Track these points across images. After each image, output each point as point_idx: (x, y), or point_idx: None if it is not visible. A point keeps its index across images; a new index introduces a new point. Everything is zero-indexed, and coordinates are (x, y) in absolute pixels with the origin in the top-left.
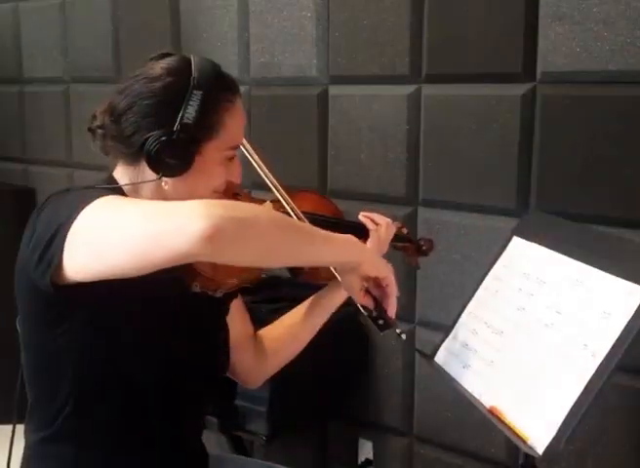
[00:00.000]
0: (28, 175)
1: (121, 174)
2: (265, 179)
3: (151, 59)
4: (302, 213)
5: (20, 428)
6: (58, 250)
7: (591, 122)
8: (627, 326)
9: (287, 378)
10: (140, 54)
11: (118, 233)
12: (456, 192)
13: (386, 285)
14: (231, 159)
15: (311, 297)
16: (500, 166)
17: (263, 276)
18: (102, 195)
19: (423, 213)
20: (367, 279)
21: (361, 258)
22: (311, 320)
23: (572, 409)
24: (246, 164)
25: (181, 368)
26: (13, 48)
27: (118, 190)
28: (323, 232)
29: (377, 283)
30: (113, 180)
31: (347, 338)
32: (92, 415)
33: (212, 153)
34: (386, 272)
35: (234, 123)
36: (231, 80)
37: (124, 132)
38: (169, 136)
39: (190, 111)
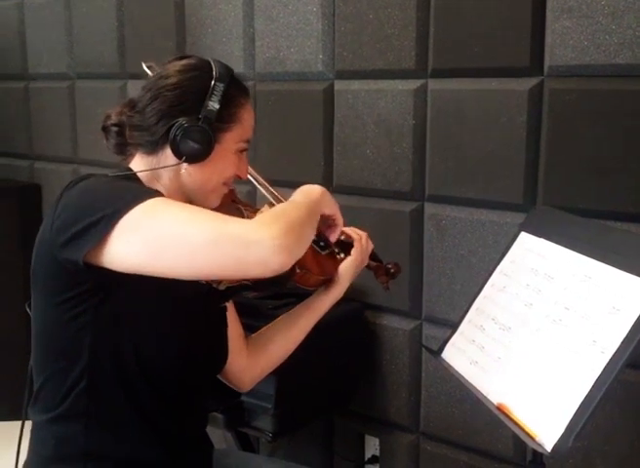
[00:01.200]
0: (34, 172)
1: (138, 164)
2: (258, 186)
3: (170, 61)
4: None
5: (28, 424)
6: (100, 235)
7: (599, 116)
8: (637, 321)
9: (293, 375)
10: (145, 49)
11: (188, 248)
12: (462, 187)
13: (333, 219)
14: (242, 152)
15: (302, 303)
16: (508, 161)
17: None
18: (151, 193)
19: (430, 208)
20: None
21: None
22: (302, 323)
23: (581, 406)
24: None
25: (193, 355)
26: (18, 44)
27: (135, 178)
28: (302, 201)
29: (324, 219)
30: (129, 169)
31: (353, 335)
32: (102, 397)
33: (229, 143)
34: (335, 209)
35: (248, 118)
36: (243, 83)
37: (149, 120)
38: (195, 122)
39: (214, 101)
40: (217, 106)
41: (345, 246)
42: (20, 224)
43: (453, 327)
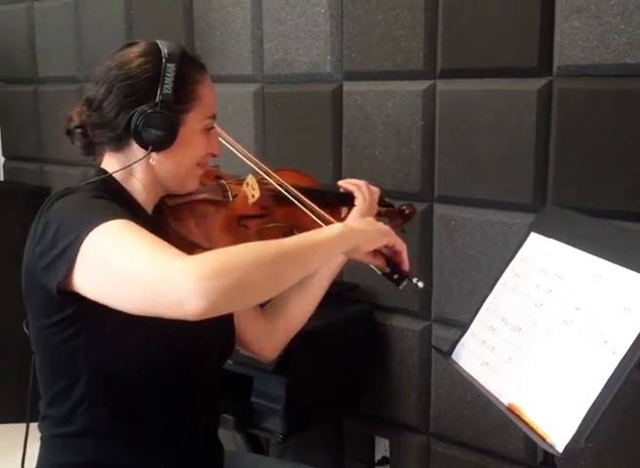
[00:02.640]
0: (43, 175)
1: (109, 162)
2: (244, 159)
3: (117, 51)
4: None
5: (33, 426)
6: (66, 264)
7: (609, 116)
8: None
9: (303, 376)
10: None
11: (125, 286)
12: (471, 188)
13: (392, 245)
14: (209, 130)
15: None
16: (517, 161)
17: None
18: (105, 215)
19: (439, 209)
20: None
21: (355, 243)
22: (317, 281)
23: (592, 407)
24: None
25: (197, 353)
26: (27, 48)
27: (111, 179)
28: (309, 241)
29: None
30: (103, 172)
31: (363, 336)
32: (108, 412)
33: (192, 123)
34: (385, 240)
35: (208, 94)
36: (197, 58)
37: (107, 115)
38: (153, 108)
39: (168, 82)
40: (171, 88)
41: (347, 198)
42: (28, 227)
43: (463, 327)
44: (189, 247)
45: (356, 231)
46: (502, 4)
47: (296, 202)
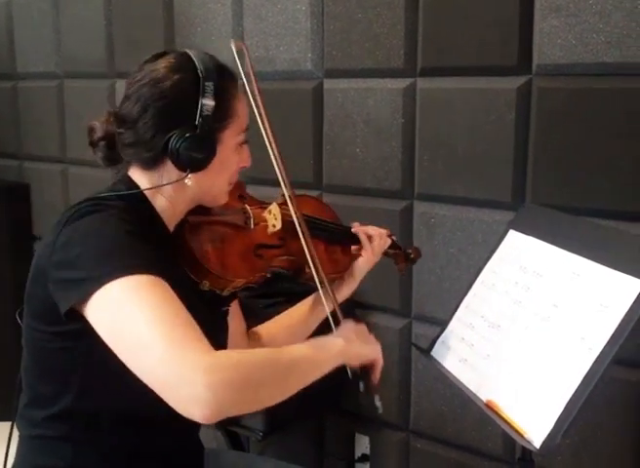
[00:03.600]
0: (23, 171)
1: (138, 176)
2: (279, 176)
3: (146, 62)
4: (304, 216)
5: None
6: (79, 296)
7: (587, 114)
8: (624, 319)
9: None
10: (133, 48)
11: (138, 352)
12: (451, 186)
13: (373, 362)
14: (242, 144)
15: (312, 296)
16: (497, 159)
17: (268, 275)
18: (138, 266)
19: (419, 206)
20: None
21: (345, 359)
22: (310, 318)
23: (569, 403)
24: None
25: None
26: (6, 43)
27: (139, 195)
28: (315, 358)
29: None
30: (132, 182)
31: None
32: (90, 422)
33: (229, 140)
34: (371, 358)
35: (242, 107)
36: (229, 68)
37: (144, 136)
38: (193, 131)
39: (207, 103)
40: (211, 108)
41: (357, 242)
42: (8, 224)
43: (442, 325)
44: (203, 272)
45: (352, 350)
46: (482, 3)
47: (303, 244)
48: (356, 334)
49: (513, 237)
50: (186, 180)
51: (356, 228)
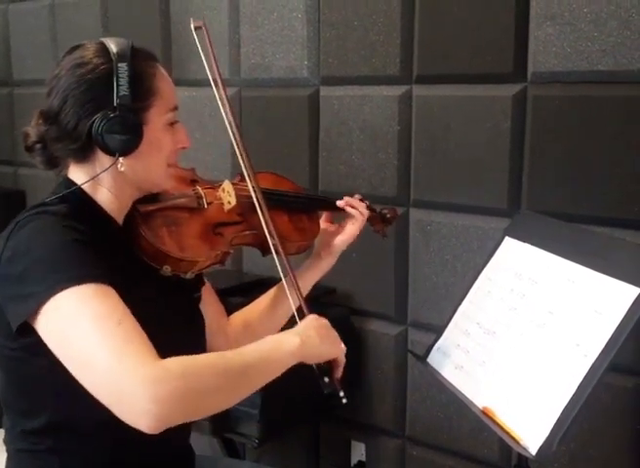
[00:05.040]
0: (18, 178)
1: (76, 173)
2: (237, 152)
3: (63, 56)
4: (263, 189)
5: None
6: (28, 311)
7: (582, 122)
8: (620, 325)
9: (279, 381)
10: None
11: (86, 363)
12: (447, 193)
13: (335, 359)
14: (173, 124)
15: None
16: (492, 166)
17: (231, 251)
18: (83, 275)
19: (415, 213)
20: None
21: (301, 359)
22: (287, 301)
23: (565, 410)
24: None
25: None
26: (2, 50)
27: (79, 191)
28: (260, 357)
29: None
30: (70, 182)
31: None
32: (74, 433)
33: (155, 120)
34: (331, 356)
35: (165, 86)
36: (147, 50)
37: (66, 127)
38: (112, 112)
39: (123, 83)
40: (127, 89)
41: (331, 207)
42: (3, 230)
43: (438, 331)
44: (162, 257)
45: (309, 350)
46: (478, 11)
47: (261, 217)
48: (316, 332)
49: (509, 244)
50: (119, 166)
51: (343, 202)
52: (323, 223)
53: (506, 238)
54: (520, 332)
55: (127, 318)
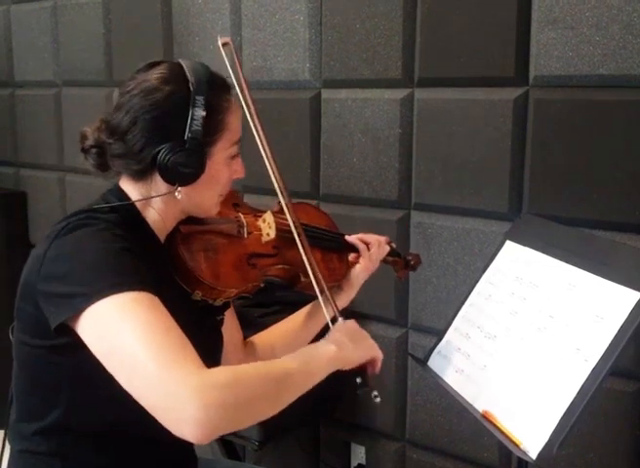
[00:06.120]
0: (19, 179)
1: (128, 186)
2: (275, 184)
3: (139, 71)
4: (302, 224)
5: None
6: (69, 312)
7: (584, 126)
8: (620, 330)
9: None
10: (132, 57)
11: (130, 369)
12: (448, 196)
13: (372, 360)
14: (234, 157)
15: (309, 305)
16: (493, 170)
17: (262, 285)
18: (131, 283)
19: (416, 216)
20: None
21: (339, 366)
22: (308, 328)
23: (565, 414)
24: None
25: None
26: (4, 51)
27: (131, 206)
28: (308, 368)
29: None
30: (122, 193)
31: None
32: (79, 437)
33: (219, 154)
34: (366, 358)
35: (235, 119)
36: (223, 78)
37: (132, 148)
38: (181, 146)
39: (197, 118)
40: (201, 123)
41: (355, 250)
42: (5, 232)
43: (439, 335)
44: (195, 281)
45: (345, 355)
46: (480, 14)
47: (302, 252)
48: (349, 337)
49: (510, 247)
50: (176, 194)
51: (353, 237)
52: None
53: (507, 242)
54: (521, 337)
55: (174, 326)
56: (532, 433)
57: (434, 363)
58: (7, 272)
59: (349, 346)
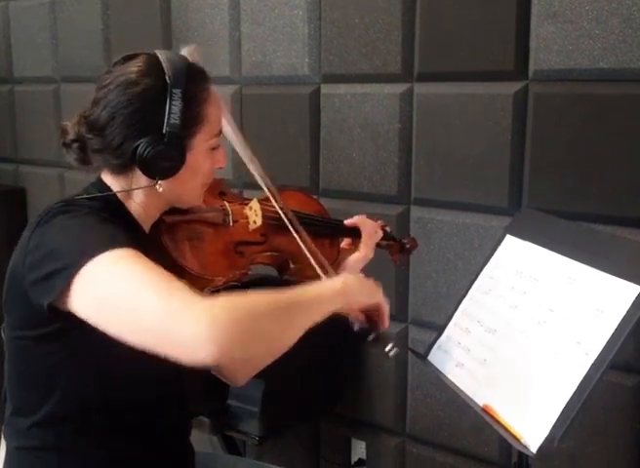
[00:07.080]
0: (19, 175)
1: (110, 179)
2: (255, 175)
3: (115, 64)
4: (293, 211)
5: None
6: (61, 285)
7: (584, 120)
8: (620, 323)
9: (279, 379)
10: (131, 53)
11: (131, 319)
12: (448, 191)
13: (377, 305)
14: (216, 148)
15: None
16: (493, 164)
17: (250, 272)
18: (114, 241)
19: (416, 211)
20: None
21: (348, 301)
22: (301, 318)
23: (565, 408)
24: (237, 162)
25: (169, 375)
26: (3, 47)
27: (113, 197)
28: (314, 293)
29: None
30: (104, 186)
31: (339, 338)
32: (74, 429)
33: (199, 146)
34: (374, 300)
35: (214, 111)
36: (201, 69)
37: (111, 143)
38: (160, 139)
39: (175, 111)
40: (179, 115)
41: (351, 231)
42: (4, 228)
43: (439, 330)
44: (179, 271)
45: (352, 291)
46: (479, 9)
47: (296, 237)
48: (356, 280)
49: (510, 242)
50: (157, 187)
51: (346, 221)
52: (343, 244)
53: (507, 236)
54: (521, 330)
55: (167, 272)
56: (532, 427)
57: (434, 357)
58: (6, 268)
59: (356, 285)
